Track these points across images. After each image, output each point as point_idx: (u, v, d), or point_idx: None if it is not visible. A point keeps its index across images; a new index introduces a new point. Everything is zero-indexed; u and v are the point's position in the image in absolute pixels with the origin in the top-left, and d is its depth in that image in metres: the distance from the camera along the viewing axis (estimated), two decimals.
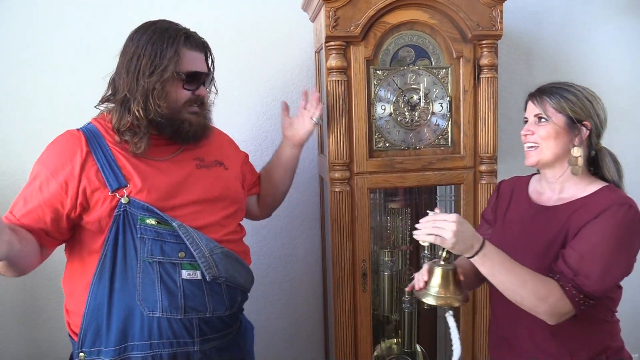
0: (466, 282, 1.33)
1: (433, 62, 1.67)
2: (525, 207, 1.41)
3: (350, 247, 1.64)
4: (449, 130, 1.69)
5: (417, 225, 1.24)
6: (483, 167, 1.69)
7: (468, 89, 1.66)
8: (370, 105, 1.64)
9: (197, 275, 1.29)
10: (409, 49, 1.66)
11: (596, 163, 1.36)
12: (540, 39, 2.24)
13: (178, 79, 1.30)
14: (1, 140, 1.91)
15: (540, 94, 1.36)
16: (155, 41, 1.29)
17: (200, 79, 1.35)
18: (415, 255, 1.96)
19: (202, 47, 1.38)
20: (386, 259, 1.87)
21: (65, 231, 1.28)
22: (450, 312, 1.30)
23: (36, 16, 1.89)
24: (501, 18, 1.63)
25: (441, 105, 1.68)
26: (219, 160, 1.46)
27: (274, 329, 2.14)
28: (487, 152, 1.67)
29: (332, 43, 1.57)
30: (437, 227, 1.19)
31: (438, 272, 1.27)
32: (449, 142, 1.69)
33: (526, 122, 1.40)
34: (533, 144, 1.34)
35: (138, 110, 1.27)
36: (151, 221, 1.26)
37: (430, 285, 1.28)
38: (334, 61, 1.57)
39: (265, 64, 2.03)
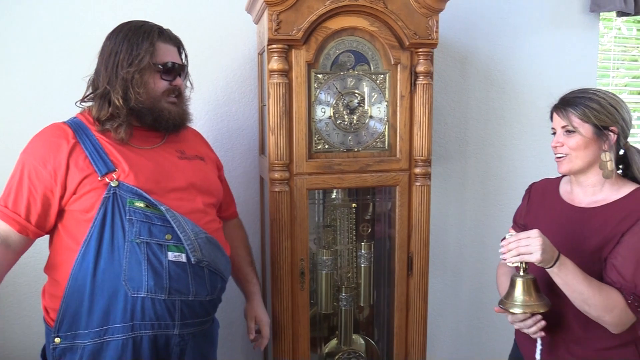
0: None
1: (372, 68, 1.72)
2: (559, 209, 1.48)
3: (288, 247, 1.67)
4: (386, 133, 1.75)
5: (501, 250, 1.34)
6: (417, 170, 1.76)
7: (405, 95, 1.72)
8: (310, 108, 1.67)
9: (183, 258, 1.35)
10: (349, 54, 1.70)
11: (625, 161, 1.44)
12: (474, 48, 2.35)
13: (155, 70, 1.39)
14: None
15: (565, 105, 1.41)
16: (131, 37, 1.38)
17: (176, 70, 1.44)
18: (354, 254, 2.01)
19: (175, 41, 1.47)
20: (324, 258, 1.92)
21: (52, 220, 1.34)
22: (540, 335, 1.39)
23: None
24: (437, 28, 1.70)
25: (379, 110, 1.74)
26: (199, 155, 1.55)
27: None
28: (422, 156, 1.74)
29: (274, 46, 1.59)
30: (524, 247, 1.28)
31: (520, 283, 1.35)
32: (386, 145, 1.76)
33: (554, 133, 1.46)
34: (563, 155, 1.42)
35: (118, 99, 1.34)
36: (140, 204, 1.32)
37: (515, 296, 1.36)
38: (275, 64, 1.59)
39: (208, 64, 2.03)
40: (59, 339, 1.31)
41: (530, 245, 1.27)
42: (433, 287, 2.36)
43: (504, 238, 1.37)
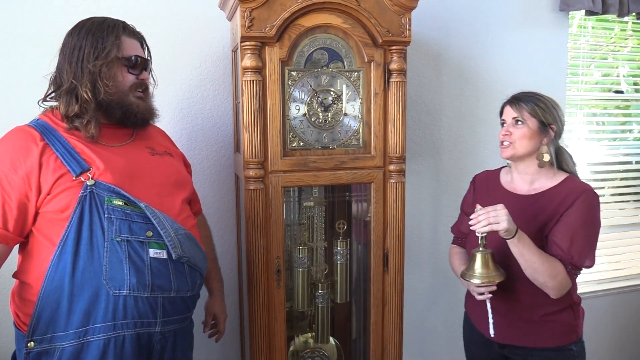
0: None
1: (346, 65, 1.72)
2: (502, 196, 1.69)
3: (264, 244, 1.67)
4: (361, 131, 1.76)
5: (470, 222, 1.52)
6: (392, 167, 1.77)
7: (378, 92, 1.73)
8: (284, 105, 1.67)
9: (164, 254, 1.34)
10: (323, 52, 1.71)
11: (558, 157, 1.67)
12: (448, 46, 2.38)
13: (122, 64, 1.38)
14: None
15: (518, 100, 1.65)
16: (95, 32, 1.35)
17: (142, 64, 1.43)
18: (329, 252, 2.02)
19: (138, 36, 1.46)
20: (300, 255, 1.92)
21: (30, 225, 1.31)
22: (490, 296, 1.60)
23: None
24: (409, 26, 1.71)
25: (353, 107, 1.75)
26: (167, 152, 1.55)
27: None
28: (396, 153, 1.76)
29: (247, 43, 1.58)
30: (492, 217, 1.46)
31: (479, 256, 1.54)
32: (360, 142, 1.76)
33: (503, 123, 1.69)
34: (509, 143, 1.64)
35: (86, 92, 1.32)
36: (118, 202, 1.31)
37: (475, 268, 1.55)
38: (248, 61, 1.59)
39: (182, 61, 2.01)
40: (33, 343, 1.27)
41: (498, 216, 1.46)
42: (409, 283, 2.38)
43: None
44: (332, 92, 1.72)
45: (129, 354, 1.32)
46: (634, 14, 2.60)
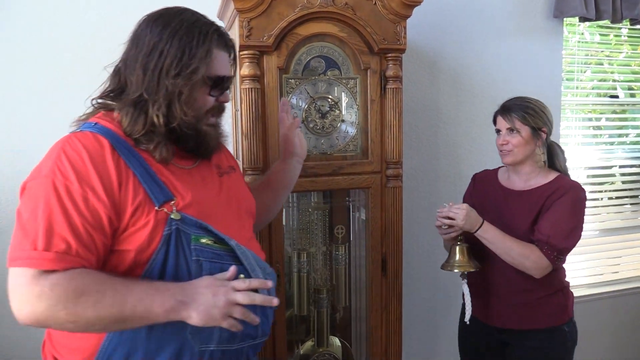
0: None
1: (342, 73, 1.76)
2: (500, 192, 1.85)
3: (264, 250, 1.69)
4: (358, 137, 1.79)
5: (437, 215, 1.73)
6: (389, 172, 1.79)
7: (375, 99, 1.76)
8: None
9: None
10: (320, 60, 1.74)
11: (549, 153, 1.81)
12: (444, 52, 2.41)
13: (206, 84, 1.13)
14: None
15: (508, 111, 1.75)
16: (183, 35, 1.07)
17: (226, 84, 1.19)
18: (329, 256, 2.04)
19: (232, 47, 1.21)
20: (300, 260, 1.94)
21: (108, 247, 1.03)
22: (465, 282, 1.80)
23: None
24: (405, 33, 1.74)
25: (350, 114, 1.78)
26: (231, 165, 1.34)
27: None
28: (393, 158, 1.78)
29: (246, 52, 1.62)
30: (452, 212, 1.68)
31: (457, 248, 1.75)
32: (358, 148, 1.79)
33: (498, 131, 1.80)
34: (508, 150, 1.76)
35: (157, 116, 1.06)
36: (207, 240, 1.08)
37: (454, 259, 1.76)
38: (247, 70, 1.62)
39: None
40: None
41: (457, 213, 1.67)
42: (408, 287, 2.39)
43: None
44: (329, 99, 1.75)
45: None
46: (627, 19, 2.64)
